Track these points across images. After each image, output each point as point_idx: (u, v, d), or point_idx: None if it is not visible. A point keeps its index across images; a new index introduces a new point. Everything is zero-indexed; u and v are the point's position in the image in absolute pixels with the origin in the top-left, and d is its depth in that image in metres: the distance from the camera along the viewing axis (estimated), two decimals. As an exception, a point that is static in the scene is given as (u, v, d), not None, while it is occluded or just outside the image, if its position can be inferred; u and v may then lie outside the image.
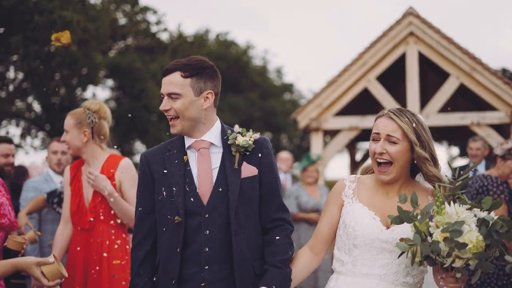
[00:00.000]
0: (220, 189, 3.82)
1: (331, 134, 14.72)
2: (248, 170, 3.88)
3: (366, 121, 12.74)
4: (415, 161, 3.75)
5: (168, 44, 31.06)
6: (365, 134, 13.18)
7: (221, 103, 30.76)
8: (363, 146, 22.78)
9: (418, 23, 12.72)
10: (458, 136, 17.67)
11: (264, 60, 38.61)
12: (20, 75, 22.16)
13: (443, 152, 41.19)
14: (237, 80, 34.66)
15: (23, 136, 28.03)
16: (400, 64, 13.19)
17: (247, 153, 3.90)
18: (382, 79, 13.14)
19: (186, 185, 3.85)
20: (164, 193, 3.88)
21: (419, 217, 3.42)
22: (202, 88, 3.88)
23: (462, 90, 13.33)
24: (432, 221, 3.39)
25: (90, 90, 28.13)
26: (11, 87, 22.30)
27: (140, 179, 4.03)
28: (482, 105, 13.32)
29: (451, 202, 3.43)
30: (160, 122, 27.95)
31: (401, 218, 3.48)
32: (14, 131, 33.33)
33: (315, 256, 4.01)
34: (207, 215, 3.81)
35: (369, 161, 4.03)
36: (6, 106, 21.92)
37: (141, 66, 27.15)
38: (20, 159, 31.82)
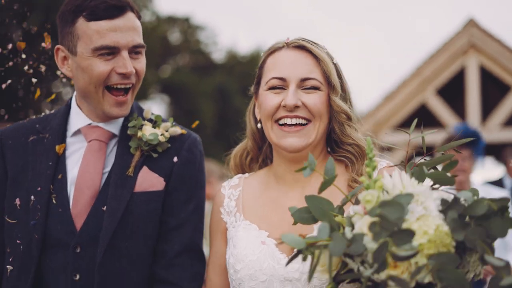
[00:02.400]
0: (104, 208, 2.52)
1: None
2: (148, 181, 2.57)
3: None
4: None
5: (221, 63, 31.31)
6: (421, 150, 12.77)
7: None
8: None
9: (479, 35, 12.36)
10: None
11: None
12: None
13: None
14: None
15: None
16: (459, 77, 12.80)
17: (155, 155, 2.61)
18: (441, 92, 12.77)
19: (53, 195, 2.54)
20: (18, 203, 2.56)
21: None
22: None
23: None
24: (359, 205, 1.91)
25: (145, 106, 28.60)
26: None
27: None
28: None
29: (398, 171, 1.96)
30: (217, 140, 28.17)
31: (310, 212, 1.96)
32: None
33: None
34: (78, 249, 2.48)
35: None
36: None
37: (194, 84, 27.46)
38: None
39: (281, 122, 2.39)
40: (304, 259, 1.85)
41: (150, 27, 22.33)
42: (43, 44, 2.91)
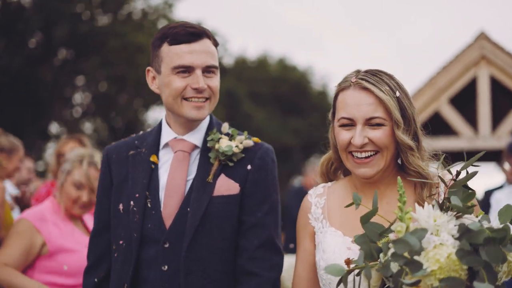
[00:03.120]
0: (189, 209, 2.91)
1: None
2: (225, 186, 2.94)
3: (436, 144, 12.61)
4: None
5: (231, 68, 31.55)
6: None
7: (283, 125, 31.13)
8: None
9: (490, 47, 12.84)
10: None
11: (323, 85, 38.74)
12: (86, 98, 22.77)
13: None
14: (298, 103, 34.94)
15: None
16: (471, 86, 13.26)
17: (231, 164, 2.98)
18: (453, 101, 13.18)
19: (148, 200, 2.96)
20: (121, 207, 3.00)
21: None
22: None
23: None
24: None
25: (153, 112, 28.77)
26: (78, 110, 22.94)
27: (99, 182, 3.15)
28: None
29: (426, 204, 2.31)
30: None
31: (368, 236, 2.33)
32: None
33: None
34: (166, 245, 2.90)
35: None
36: (75, 127, 22.49)
37: None
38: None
39: (353, 154, 2.67)
40: (357, 274, 2.32)
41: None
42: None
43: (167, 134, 3.06)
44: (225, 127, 3.07)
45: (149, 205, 2.93)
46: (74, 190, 4.33)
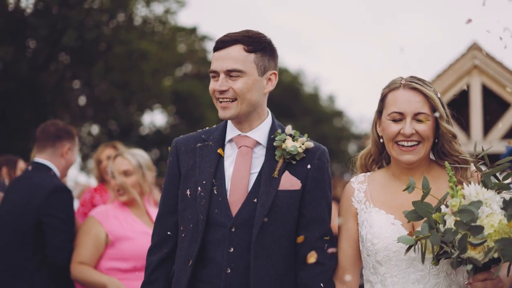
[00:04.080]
0: (255, 200, 3.19)
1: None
2: (289, 182, 3.22)
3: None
4: (436, 140, 3.15)
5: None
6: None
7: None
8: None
9: (482, 57, 13.40)
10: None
11: (315, 88, 39.12)
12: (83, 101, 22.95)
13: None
14: (290, 106, 35.30)
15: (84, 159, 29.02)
16: (463, 94, 13.75)
17: (294, 162, 3.25)
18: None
19: (214, 187, 3.24)
20: (188, 192, 3.27)
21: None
22: (266, 66, 3.27)
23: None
24: (447, 207, 2.80)
25: (148, 116, 28.99)
26: (77, 113, 23.13)
27: (167, 171, 3.42)
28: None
29: (472, 183, 2.84)
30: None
31: (417, 212, 2.83)
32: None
33: None
34: (233, 229, 3.18)
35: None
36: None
37: (200, 93, 27.79)
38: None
39: (399, 143, 3.10)
40: (416, 243, 2.81)
41: (167, 39, 22.82)
42: None
43: (232, 131, 3.32)
44: (289, 128, 3.33)
45: (215, 192, 3.20)
46: (111, 181, 5.04)
